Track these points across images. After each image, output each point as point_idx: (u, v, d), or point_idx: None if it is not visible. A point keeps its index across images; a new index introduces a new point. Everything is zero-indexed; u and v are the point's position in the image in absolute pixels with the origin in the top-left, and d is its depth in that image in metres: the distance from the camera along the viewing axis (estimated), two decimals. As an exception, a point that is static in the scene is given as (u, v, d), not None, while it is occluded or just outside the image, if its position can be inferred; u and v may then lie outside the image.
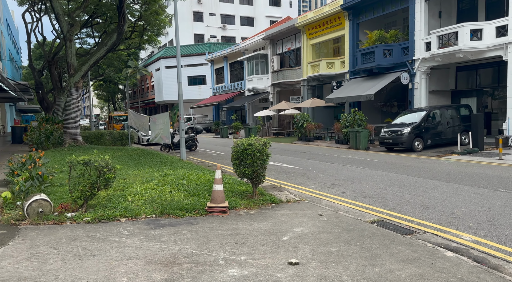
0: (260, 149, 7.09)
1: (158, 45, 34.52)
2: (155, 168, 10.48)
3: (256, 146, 7.06)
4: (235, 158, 7.22)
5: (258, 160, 7.12)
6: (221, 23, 63.62)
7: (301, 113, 23.76)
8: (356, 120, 18.71)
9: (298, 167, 12.58)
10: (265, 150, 7.23)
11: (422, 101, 19.86)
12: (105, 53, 16.30)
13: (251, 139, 7.29)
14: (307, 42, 27.91)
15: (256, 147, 7.05)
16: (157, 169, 10.22)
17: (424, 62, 19.49)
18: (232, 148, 7.30)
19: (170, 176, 8.80)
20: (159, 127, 14.59)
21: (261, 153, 7.12)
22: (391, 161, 13.38)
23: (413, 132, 16.05)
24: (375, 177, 10.17)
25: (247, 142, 7.10)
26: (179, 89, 12.87)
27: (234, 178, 9.03)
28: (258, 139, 7.34)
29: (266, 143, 7.28)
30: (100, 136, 19.02)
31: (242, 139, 7.36)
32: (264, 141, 7.31)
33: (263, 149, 7.17)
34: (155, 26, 29.51)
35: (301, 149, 18.91)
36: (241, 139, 7.34)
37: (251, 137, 7.44)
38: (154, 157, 13.14)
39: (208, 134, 37.92)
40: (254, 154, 7.03)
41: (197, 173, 9.40)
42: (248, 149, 7.02)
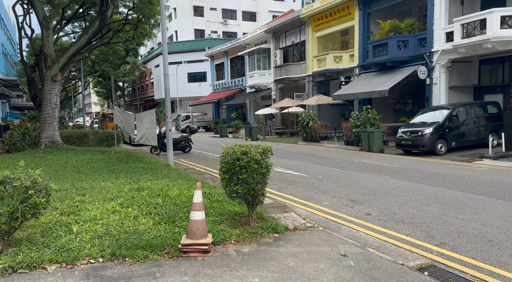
0: (258, 159, 5.16)
1: (154, 38, 32.55)
2: (131, 177, 8.56)
3: (253, 155, 5.12)
4: (224, 172, 5.28)
5: (256, 174, 5.19)
6: (223, 18, 61.61)
7: (306, 111, 21.79)
8: (369, 119, 16.73)
9: (305, 174, 10.63)
10: (265, 161, 5.29)
11: (441, 98, 17.85)
12: (86, 42, 14.38)
13: (247, 145, 5.35)
14: (312, 35, 25.90)
15: (252, 156, 5.12)
16: (132, 179, 8.29)
17: (444, 55, 17.46)
18: (220, 157, 5.36)
19: (144, 190, 6.86)
20: (145, 127, 12.68)
21: (259, 165, 5.19)
22: (413, 167, 11.41)
23: (436, 133, 14.07)
24: (402, 190, 8.21)
25: (240, 150, 5.17)
26: (166, 82, 10.94)
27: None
28: (255, 145, 5.40)
29: (266, 151, 5.34)
30: (83, 136, 17.13)
31: (233, 145, 5.42)
32: (264, 147, 5.37)
33: (263, 160, 5.23)
34: (151, 17, 27.59)
35: (306, 151, 16.95)
36: (232, 146, 5.41)
37: (247, 142, 5.50)
38: (136, 162, 11.22)
39: (207, 133, 36.01)
40: (250, 167, 5.10)
41: (180, 185, 7.47)
42: (242, 160, 5.09)
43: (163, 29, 11.18)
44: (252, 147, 5.31)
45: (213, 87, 42.91)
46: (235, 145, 5.38)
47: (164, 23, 11.21)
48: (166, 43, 10.89)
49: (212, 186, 7.89)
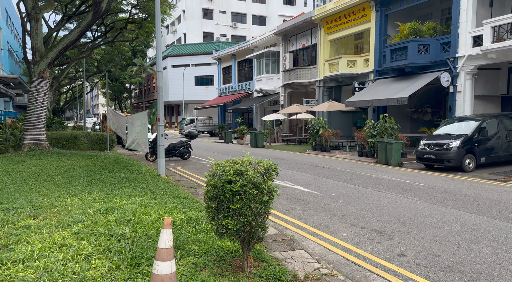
0: (257, 182, 3.69)
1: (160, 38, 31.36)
2: (107, 192, 7.12)
3: (251, 177, 3.66)
4: (210, 198, 3.82)
5: (254, 202, 3.72)
6: (232, 22, 60.53)
7: (316, 118, 20.29)
8: (386, 128, 15.18)
9: (316, 191, 9.11)
10: (268, 184, 3.82)
11: (466, 107, 16.23)
12: (78, 36, 13.09)
13: (243, 161, 3.89)
14: (324, 38, 24.47)
15: (250, 178, 3.65)
16: (107, 194, 6.86)
17: (471, 61, 15.89)
18: (206, 177, 3.89)
19: (113, 213, 5.41)
20: (136, 131, 11.28)
21: (259, 190, 3.73)
22: (441, 186, 9.83)
23: (464, 146, 12.48)
24: (437, 219, 6.66)
25: (233, 169, 3.70)
26: (159, 81, 9.54)
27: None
28: (255, 162, 3.93)
29: (269, 170, 3.87)
30: (74, 139, 15.79)
31: (225, 161, 3.95)
32: (267, 165, 3.91)
33: (264, 182, 3.76)
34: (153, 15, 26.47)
35: (316, 161, 15.43)
36: (223, 162, 3.94)
37: (245, 157, 4.04)
38: (122, 171, 9.80)
39: (212, 138, 34.63)
40: (246, 193, 3.64)
41: (162, 206, 6.01)
42: (235, 183, 3.62)
43: (158, 28, 9.81)
44: (250, 164, 3.83)
45: (219, 90, 41.62)
46: (226, 161, 3.91)
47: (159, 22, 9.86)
48: (160, 38, 9.55)
49: (203, 206, 6.42)
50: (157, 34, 9.65)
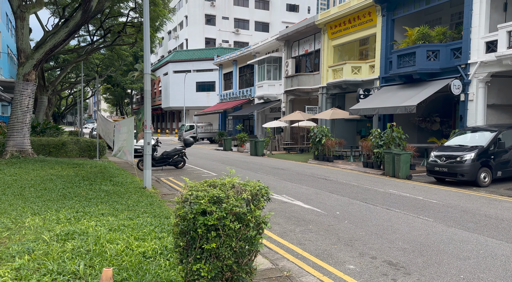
0: (241, 213, 2.77)
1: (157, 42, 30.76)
2: (79, 209, 6.21)
3: (232, 205, 2.74)
4: (179, 234, 2.90)
5: (237, 240, 2.80)
6: (234, 28, 60.00)
7: (319, 126, 19.38)
8: (394, 138, 14.24)
9: (319, 209, 8.16)
10: (256, 215, 2.89)
11: (478, 117, 15.29)
12: (66, 36, 12.28)
13: (224, 183, 2.97)
14: (328, 43, 23.66)
15: (231, 207, 2.73)
16: (77, 213, 5.94)
17: (483, 67, 14.98)
18: (175, 205, 2.97)
19: (74, 239, 4.48)
20: (122, 138, 10.39)
21: (243, 224, 2.80)
22: (457, 204, 8.87)
23: (479, 159, 11.52)
24: (459, 246, 5.70)
25: (208, 195, 2.78)
26: (146, 84, 8.67)
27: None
28: (239, 184, 3.01)
29: (257, 196, 2.95)
30: (62, 145, 14.91)
31: (201, 183, 3.04)
32: (255, 188, 2.99)
33: (250, 213, 2.84)
34: (154, 19, 25.83)
35: (319, 172, 14.48)
36: (199, 184, 3.03)
37: (228, 177, 3.12)
38: (104, 183, 8.89)
39: (211, 146, 33.74)
40: (225, 227, 2.72)
41: (136, 229, 5.07)
42: (212, 214, 2.72)
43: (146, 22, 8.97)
44: (232, 188, 2.92)
45: (220, 97, 40.84)
46: (202, 183, 3.00)
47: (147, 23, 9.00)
48: (148, 37, 8.68)
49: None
50: (145, 30, 8.81)
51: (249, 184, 3.02)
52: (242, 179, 3.37)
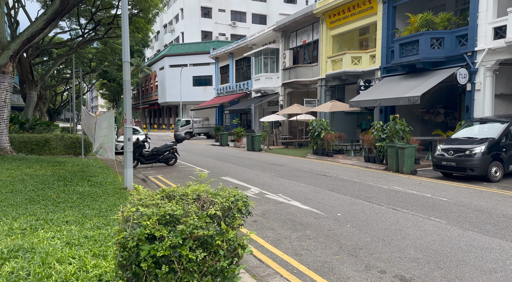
0: (208, 237, 1.95)
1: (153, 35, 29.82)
2: (42, 215, 5.41)
3: (192, 227, 1.90)
4: (120, 267, 2.07)
5: (200, 276, 1.98)
6: (231, 20, 58.84)
7: (318, 120, 18.54)
8: (397, 131, 13.42)
9: (318, 210, 7.36)
10: (229, 238, 2.06)
11: (485, 107, 14.47)
12: (44, 24, 11.39)
13: (186, 193, 2.14)
14: (327, 33, 22.74)
15: (191, 229, 1.90)
16: (38, 220, 5.15)
17: (491, 55, 14.13)
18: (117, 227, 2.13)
19: (17, 257, 3.66)
20: (103, 134, 9.56)
21: (211, 252, 1.98)
22: (469, 201, 8.07)
23: (490, 152, 10.71)
24: (481, 255, 4.91)
25: (159, 213, 1.95)
26: (125, 74, 7.83)
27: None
28: (208, 193, 2.18)
29: (231, 211, 2.12)
30: (45, 142, 14.07)
31: (153, 193, 2.19)
32: (228, 198, 2.15)
33: (222, 236, 2.00)
34: (146, 10, 24.88)
35: (318, 168, 13.68)
36: (152, 194, 2.19)
37: (192, 185, 2.28)
38: (81, 183, 8.07)
39: (208, 141, 32.93)
40: (183, 260, 1.89)
41: (101, 241, 4.26)
42: (163, 240, 1.89)
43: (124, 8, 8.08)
44: (196, 200, 2.10)
45: (217, 91, 39.93)
46: (157, 193, 2.17)
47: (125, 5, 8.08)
48: (126, 21, 7.82)
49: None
50: (123, 14, 7.94)
51: (221, 193, 2.22)
52: (238, 177, 2.56)
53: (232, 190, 2.33)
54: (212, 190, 2.27)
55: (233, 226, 2.12)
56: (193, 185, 2.33)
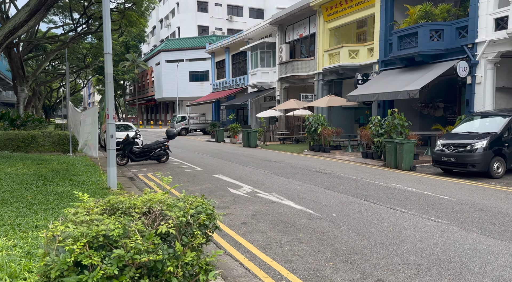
0: (157, 262, 1.52)
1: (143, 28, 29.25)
2: (8, 220, 4.97)
3: (134, 252, 1.47)
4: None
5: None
6: (228, 15, 58.15)
7: (314, 115, 18.11)
8: (396, 125, 13.01)
9: (312, 210, 6.96)
10: (186, 262, 1.63)
11: (486, 101, 14.06)
12: (27, 16, 10.90)
13: (134, 205, 1.72)
14: (324, 26, 22.25)
15: (132, 254, 1.46)
16: (4, 226, 4.69)
17: (492, 47, 13.69)
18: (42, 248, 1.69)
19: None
20: (87, 130, 9.12)
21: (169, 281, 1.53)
22: (472, 200, 7.68)
23: (491, 147, 10.32)
24: (488, 261, 4.51)
25: (91, 233, 1.52)
26: (107, 66, 7.37)
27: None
28: (160, 207, 1.74)
29: (190, 227, 1.70)
30: (31, 140, 13.62)
31: (83, 210, 1.76)
32: (186, 212, 1.72)
33: (175, 262, 1.58)
34: (139, 3, 24.38)
35: (314, 165, 13.27)
36: (91, 205, 1.75)
37: (146, 192, 1.84)
38: (63, 182, 7.65)
39: (204, 137, 32.50)
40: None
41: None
42: (95, 269, 1.44)
43: None
44: (145, 214, 1.67)
45: (213, 86, 39.42)
46: (102, 205, 1.74)
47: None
48: (108, 10, 7.34)
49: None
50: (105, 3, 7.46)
51: (180, 204, 1.79)
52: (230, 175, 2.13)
53: (197, 199, 1.91)
54: (170, 200, 1.86)
55: (192, 245, 1.70)
56: (150, 193, 1.91)
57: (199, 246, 1.78)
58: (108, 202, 1.82)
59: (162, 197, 1.88)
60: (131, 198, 1.92)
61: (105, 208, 1.78)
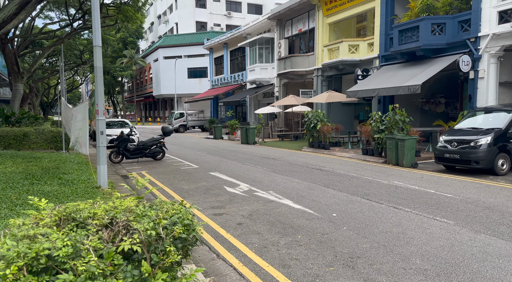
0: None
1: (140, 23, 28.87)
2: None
3: (85, 273, 1.14)
4: None
5: None
6: (226, 10, 57.63)
7: (314, 111, 17.79)
8: (397, 121, 12.70)
9: (311, 210, 6.65)
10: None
11: (489, 96, 13.75)
12: (17, 9, 10.52)
13: (95, 214, 1.39)
14: (323, 21, 21.88)
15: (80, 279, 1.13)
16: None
17: (496, 40, 13.37)
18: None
19: None
20: (78, 127, 8.81)
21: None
22: (477, 198, 7.38)
23: (496, 143, 10.02)
24: (500, 265, 4.22)
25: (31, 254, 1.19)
26: (96, 60, 7.03)
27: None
28: (127, 218, 1.42)
29: (159, 242, 1.36)
30: (23, 137, 13.29)
31: (29, 222, 1.43)
32: (157, 223, 1.39)
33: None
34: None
35: (313, 162, 12.97)
36: (23, 224, 1.43)
37: (117, 197, 1.52)
38: (51, 181, 7.33)
39: (202, 134, 32.17)
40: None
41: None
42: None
43: None
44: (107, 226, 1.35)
45: (211, 82, 39.03)
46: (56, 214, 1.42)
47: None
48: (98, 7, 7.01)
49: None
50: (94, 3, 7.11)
51: (151, 213, 1.47)
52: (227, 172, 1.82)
53: (174, 206, 1.60)
54: (140, 208, 1.54)
55: (165, 265, 1.39)
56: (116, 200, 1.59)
57: (174, 265, 1.47)
58: (64, 211, 1.51)
59: (131, 204, 1.57)
60: (95, 205, 1.61)
61: (59, 218, 1.47)
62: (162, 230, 1.46)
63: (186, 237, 1.52)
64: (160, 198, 1.83)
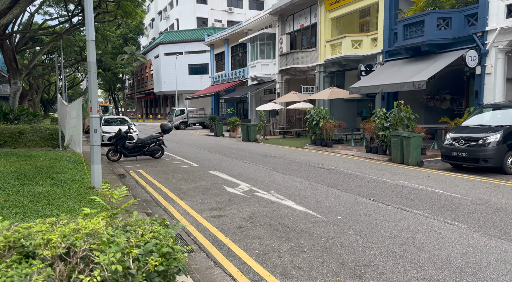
0: None
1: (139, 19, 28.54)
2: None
3: None
4: None
5: None
6: (227, 6, 57.12)
7: (316, 108, 17.45)
8: (402, 118, 12.35)
9: (314, 212, 6.34)
10: None
11: (497, 92, 13.39)
12: (10, 3, 10.20)
13: (49, 241, 1.07)
14: (325, 16, 21.48)
15: None
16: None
17: (504, 35, 12.98)
18: None
19: None
20: (72, 125, 8.50)
21: None
22: (488, 198, 7.06)
23: (505, 141, 9.67)
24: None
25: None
26: (89, 55, 6.70)
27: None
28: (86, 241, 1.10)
29: (132, 279, 1.04)
30: (19, 134, 13.00)
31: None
32: (131, 251, 1.07)
33: None
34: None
35: (316, 160, 12.65)
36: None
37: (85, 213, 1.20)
38: (43, 181, 7.04)
39: (203, 131, 31.86)
40: None
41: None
42: None
43: None
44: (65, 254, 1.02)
45: (212, 79, 38.67)
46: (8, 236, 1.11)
47: None
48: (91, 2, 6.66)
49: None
50: None
51: (120, 240, 1.15)
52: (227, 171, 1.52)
53: (153, 226, 1.29)
54: (106, 233, 1.22)
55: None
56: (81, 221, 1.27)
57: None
58: (12, 235, 1.21)
59: (100, 225, 1.26)
60: (54, 227, 1.31)
61: (4, 245, 1.17)
62: (133, 262, 1.14)
63: (165, 269, 1.21)
64: (136, 217, 1.53)
